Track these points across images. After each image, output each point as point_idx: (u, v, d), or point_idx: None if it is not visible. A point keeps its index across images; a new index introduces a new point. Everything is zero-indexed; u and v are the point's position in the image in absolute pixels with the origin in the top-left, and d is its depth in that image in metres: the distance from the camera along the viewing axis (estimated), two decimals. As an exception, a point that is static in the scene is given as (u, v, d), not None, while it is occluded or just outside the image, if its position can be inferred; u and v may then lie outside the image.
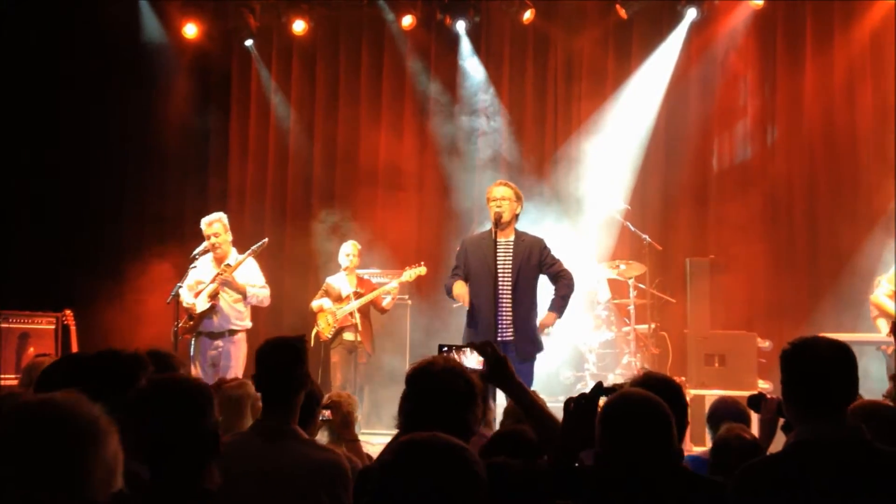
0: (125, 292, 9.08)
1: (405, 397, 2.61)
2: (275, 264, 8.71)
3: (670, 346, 8.32)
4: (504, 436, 2.94)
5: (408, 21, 9.35)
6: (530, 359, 5.85)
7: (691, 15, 9.04)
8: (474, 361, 2.85)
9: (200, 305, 6.90)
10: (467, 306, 5.95)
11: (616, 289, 8.58)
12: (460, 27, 9.46)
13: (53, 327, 8.21)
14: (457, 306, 7.61)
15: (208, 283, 6.90)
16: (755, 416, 3.35)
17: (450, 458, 1.69)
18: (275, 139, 10.00)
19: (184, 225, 9.27)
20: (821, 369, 2.41)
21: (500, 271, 5.83)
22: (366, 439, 5.35)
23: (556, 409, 2.70)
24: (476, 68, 9.53)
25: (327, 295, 7.88)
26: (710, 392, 7.04)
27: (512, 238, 5.96)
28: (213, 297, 6.88)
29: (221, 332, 6.93)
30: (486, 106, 9.43)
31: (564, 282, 6.00)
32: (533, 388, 3.62)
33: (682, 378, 7.46)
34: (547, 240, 6.11)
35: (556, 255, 6.08)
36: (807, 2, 9.04)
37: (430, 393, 2.53)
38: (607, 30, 9.43)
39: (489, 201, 6.02)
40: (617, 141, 9.06)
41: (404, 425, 2.55)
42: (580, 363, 8.44)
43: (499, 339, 5.63)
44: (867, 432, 2.38)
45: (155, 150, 9.93)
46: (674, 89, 9.12)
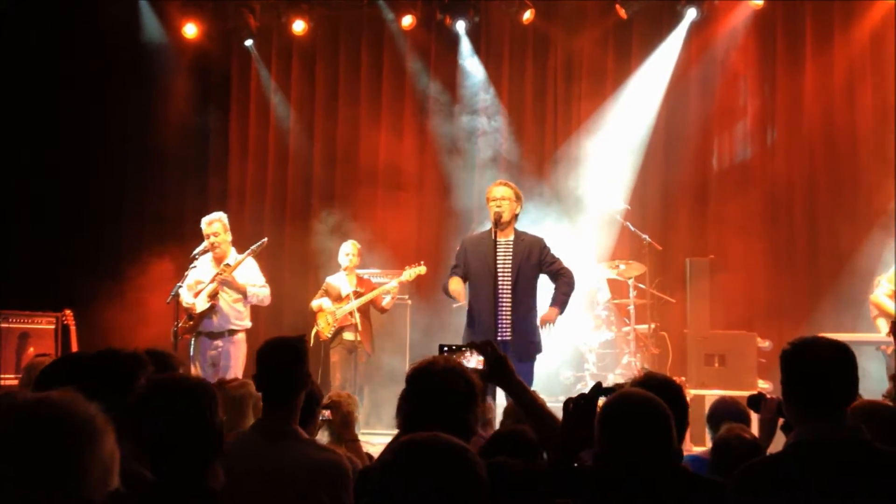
0: (125, 292, 9.07)
1: (405, 397, 2.61)
2: (275, 264, 8.71)
3: (670, 346, 8.31)
4: (504, 436, 2.94)
5: (408, 21, 9.34)
6: (530, 359, 5.84)
7: (691, 15, 9.04)
8: (474, 361, 2.85)
9: (200, 305, 6.90)
10: (463, 302, 5.94)
11: (616, 289, 8.57)
12: (460, 27, 9.45)
13: (53, 327, 8.21)
14: (457, 306, 7.61)
15: (208, 283, 6.91)
16: (755, 416, 3.35)
17: (450, 458, 1.69)
18: (275, 139, 10.00)
19: (184, 225, 9.28)
20: (821, 369, 2.41)
21: (499, 271, 5.82)
22: (366, 439, 5.35)
23: (556, 409, 2.70)
24: (476, 68, 9.53)
25: (327, 294, 7.88)
26: (710, 392, 7.04)
27: (512, 238, 5.95)
28: (212, 297, 6.88)
29: (221, 332, 6.92)
30: (485, 106, 9.42)
31: (565, 279, 5.99)
32: (533, 388, 3.62)
33: (682, 378, 7.46)
34: (547, 240, 6.10)
35: (556, 255, 6.07)
36: (807, 2, 9.04)
37: (431, 393, 2.53)
38: (607, 30, 9.43)
39: (489, 201, 6.01)
40: (617, 141, 9.05)
41: (405, 425, 2.55)
42: (580, 363, 8.44)
43: (498, 338, 5.62)
44: (867, 432, 2.38)
45: (155, 150, 9.93)
46: (674, 89, 9.12)
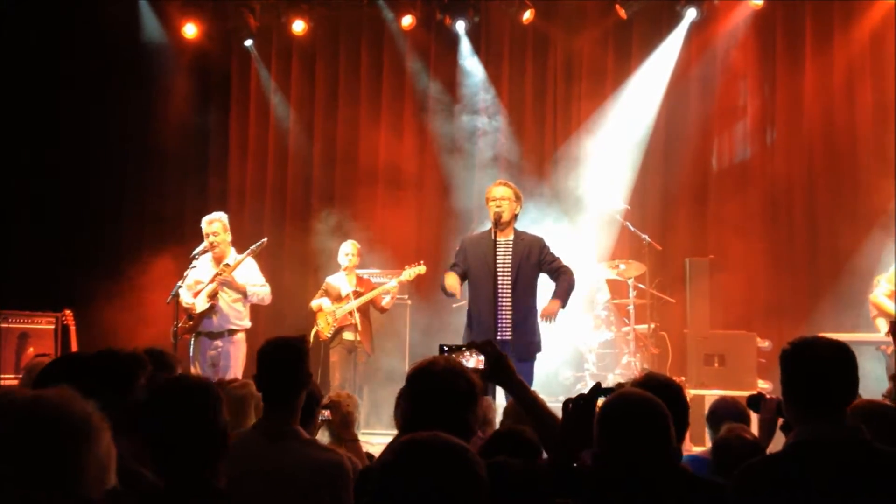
0: (125, 292, 9.06)
1: (406, 397, 2.61)
2: (275, 264, 8.71)
3: (670, 346, 8.31)
4: (504, 435, 2.94)
5: (407, 21, 9.34)
6: (530, 358, 5.84)
7: (691, 15, 9.04)
8: (473, 361, 2.84)
9: (200, 305, 6.89)
10: (459, 296, 5.92)
11: (616, 289, 8.57)
12: (460, 27, 9.45)
13: (53, 327, 8.21)
14: (456, 306, 7.61)
15: (207, 284, 6.90)
16: (755, 416, 3.35)
17: (450, 458, 1.69)
18: (274, 139, 10.00)
19: (184, 225, 9.28)
20: (821, 369, 2.40)
21: (499, 271, 5.82)
22: (365, 439, 5.36)
23: (555, 409, 2.70)
24: (476, 68, 9.53)
25: (327, 294, 7.87)
26: (710, 392, 7.04)
27: (511, 237, 5.94)
28: (212, 297, 6.88)
29: (221, 332, 6.92)
30: (485, 106, 9.42)
31: (566, 276, 5.96)
32: (532, 388, 3.62)
33: (682, 378, 7.46)
34: (547, 240, 6.10)
35: (556, 254, 6.06)
36: (807, 2, 9.04)
37: (432, 393, 2.53)
38: (607, 30, 9.43)
39: (488, 201, 6.00)
40: (617, 141, 9.05)
41: (405, 425, 2.55)
42: (580, 363, 8.43)
43: (498, 337, 5.61)
44: (867, 432, 2.38)
45: (155, 150, 9.93)
46: (674, 89, 9.12)
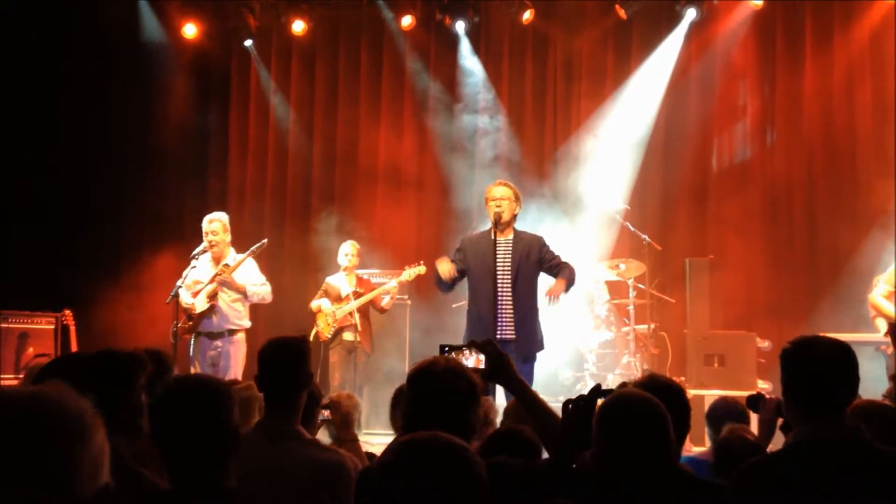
0: (125, 292, 9.07)
1: (406, 398, 2.61)
2: (275, 264, 8.71)
3: (670, 347, 8.31)
4: (504, 435, 2.94)
5: (407, 21, 9.34)
6: (531, 357, 5.85)
7: (691, 15, 9.04)
8: (473, 360, 2.84)
9: (199, 305, 6.89)
10: (447, 279, 5.87)
11: (615, 289, 8.57)
12: (460, 27, 9.45)
13: (53, 327, 8.21)
14: (456, 306, 7.61)
15: (206, 284, 6.90)
16: (755, 416, 3.34)
17: (450, 458, 1.69)
18: (274, 139, 10.00)
19: (183, 225, 9.28)
20: (822, 369, 2.40)
21: (499, 270, 5.82)
22: (365, 439, 5.35)
23: (556, 409, 2.70)
24: (476, 68, 9.53)
25: (326, 295, 7.87)
26: (710, 392, 7.03)
27: (511, 237, 5.94)
28: (212, 298, 6.88)
29: (221, 332, 6.92)
30: (485, 106, 9.42)
31: (567, 268, 5.94)
32: (533, 389, 3.62)
33: (682, 378, 7.46)
34: (546, 239, 6.10)
35: (556, 252, 6.06)
36: (806, 2, 9.04)
37: (432, 393, 2.53)
38: (607, 30, 9.43)
39: (488, 201, 6.00)
40: (617, 141, 9.05)
41: (406, 425, 2.55)
42: (580, 363, 8.43)
43: (498, 336, 5.62)
44: (867, 432, 2.38)
45: (155, 150, 9.92)
46: (673, 89, 9.12)
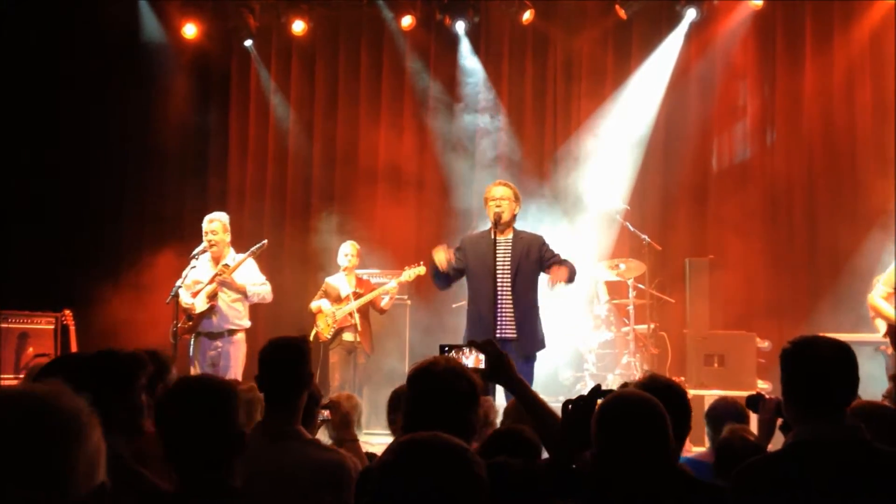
0: (125, 292, 9.06)
1: (406, 398, 2.61)
2: (275, 264, 8.71)
3: (669, 347, 8.31)
4: (504, 435, 2.94)
5: (407, 21, 9.34)
6: (531, 357, 5.85)
7: (691, 15, 9.04)
8: (473, 360, 2.84)
9: (199, 306, 6.89)
10: (444, 269, 5.83)
11: (615, 289, 8.57)
12: (460, 27, 9.45)
13: (53, 327, 8.21)
14: (456, 306, 7.61)
15: (206, 284, 6.90)
16: (754, 416, 3.34)
17: (450, 458, 1.69)
18: (274, 139, 10.00)
19: (183, 225, 9.27)
20: (822, 369, 2.39)
21: (499, 269, 5.81)
22: (365, 439, 5.35)
23: (556, 409, 2.70)
24: (476, 68, 9.53)
25: (326, 295, 7.87)
26: (710, 392, 7.04)
27: (510, 236, 5.94)
28: (211, 298, 6.87)
29: (220, 332, 6.91)
30: (485, 106, 9.42)
31: (568, 261, 5.93)
32: (533, 389, 3.62)
33: (682, 378, 7.46)
34: (546, 239, 6.10)
35: (556, 250, 6.05)
36: (806, 2, 9.04)
37: (432, 393, 2.53)
38: (607, 30, 9.43)
39: (488, 201, 5.99)
40: (617, 140, 9.05)
41: (406, 426, 2.55)
42: (580, 363, 8.43)
43: (498, 336, 5.62)
44: (867, 432, 2.38)
45: (155, 150, 9.92)
46: (673, 89, 9.12)
